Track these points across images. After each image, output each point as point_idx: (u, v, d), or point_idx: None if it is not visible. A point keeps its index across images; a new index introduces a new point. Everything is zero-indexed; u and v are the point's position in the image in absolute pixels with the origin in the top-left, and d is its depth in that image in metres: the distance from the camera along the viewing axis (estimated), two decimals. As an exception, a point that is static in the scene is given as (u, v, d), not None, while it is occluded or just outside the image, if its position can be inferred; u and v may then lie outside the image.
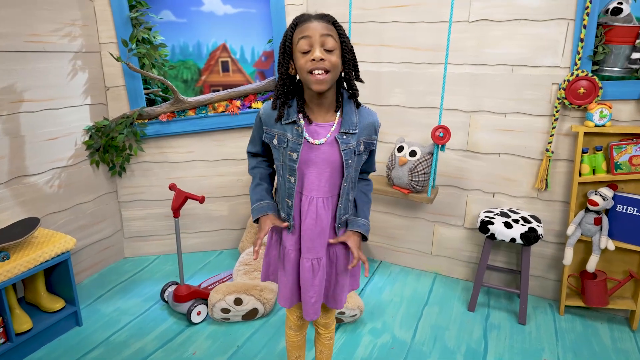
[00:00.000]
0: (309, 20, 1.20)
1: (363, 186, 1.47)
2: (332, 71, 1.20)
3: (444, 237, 2.64)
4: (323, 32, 1.18)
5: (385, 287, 2.55)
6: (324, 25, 1.19)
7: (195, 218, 2.83)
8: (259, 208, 1.38)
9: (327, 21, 1.21)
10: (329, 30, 1.20)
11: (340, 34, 1.23)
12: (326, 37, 1.18)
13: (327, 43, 1.19)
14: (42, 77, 2.17)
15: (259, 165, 1.45)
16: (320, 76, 1.18)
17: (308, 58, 1.18)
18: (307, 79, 1.21)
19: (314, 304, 1.40)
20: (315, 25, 1.19)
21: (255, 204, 1.39)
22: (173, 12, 2.61)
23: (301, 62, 1.20)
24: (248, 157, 1.49)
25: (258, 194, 1.41)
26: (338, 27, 1.23)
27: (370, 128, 1.33)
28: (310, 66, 1.18)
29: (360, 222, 1.40)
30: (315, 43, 1.18)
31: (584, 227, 2.15)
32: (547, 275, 2.43)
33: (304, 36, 1.19)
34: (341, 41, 1.23)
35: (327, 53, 1.19)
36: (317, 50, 1.17)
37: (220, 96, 2.64)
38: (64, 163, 2.34)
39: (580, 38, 2.03)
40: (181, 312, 2.21)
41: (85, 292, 2.44)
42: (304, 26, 1.19)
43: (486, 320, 2.27)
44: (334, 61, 1.19)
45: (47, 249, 1.96)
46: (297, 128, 1.28)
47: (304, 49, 1.19)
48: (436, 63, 2.40)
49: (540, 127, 2.26)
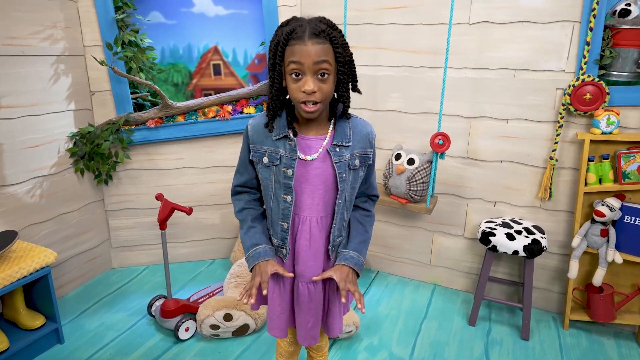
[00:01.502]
0: (302, 40, 1.06)
1: (362, 215, 1.32)
2: (324, 100, 1.12)
3: (443, 247, 2.54)
4: (316, 59, 1.06)
5: (382, 300, 2.46)
6: (319, 49, 1.06)
7: (186, 227, 2.73)
8: (255, 254, 1.22)
9: (324, 39, 1.07)
10: (324, 53, 1.07)
11: (336, 53, 1.09)
12: (320, 63, 1.07)
13: (321, 69, 1.08)
14: (22, 82, 2.06)
15: (248, 206, 1.30)
16: (311, 108, 1.10)
17: (299, 87, 1.09)
18: (297, 105, 1.13)
19: (311, 329, 1.31)
20: (309, 49, 1.05)
21: (250, 250, 1.23)
22: (162, 14, 2.51)
23: (291, 86, 1.11)
24: (233, 197, 1.33)
25: (252, 238, 1.24)
26: (335, 43, 1.09)
27: (364, 140, 1.23)
28: (301, 97, 1.09)
29: (348, 255, 1.25)
30: (308, 71, 1.07)
31: (590, 238, 2.06)
32: (551, 288, 2.33)
33: (294, 61, 1.07)
34: (337, 61, 1.10)
35: (320, 80, 1.09)
36: (310, 81, 1.07)
37: (210, 101, 2.54)
38: (46, 172, 2.23)
39: (586, 41, 1.94)
40: (169, 328, 2.11)
41: (69, 306, 2.34)
42: (297, 48, 1.06)
43: (487, 335, 2.18)
44: (325, 90, 1.10)
45: (26, 264, 1.86)
46: (289, 143, 1.17)
47: (295, 72, 1.08)
48: (435, 67, 2.30)
49: (544, 134, 2.16)
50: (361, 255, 1.27)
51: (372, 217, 1.35)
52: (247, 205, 1.29)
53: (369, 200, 1.36)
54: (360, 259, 1.26)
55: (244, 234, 1.27)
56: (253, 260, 1.22)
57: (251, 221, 1.27)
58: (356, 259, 1.25)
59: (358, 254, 1.26)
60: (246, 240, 1.25)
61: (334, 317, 1.33)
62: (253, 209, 1.29)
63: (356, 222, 1.31)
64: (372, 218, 1.35)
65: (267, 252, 1.23)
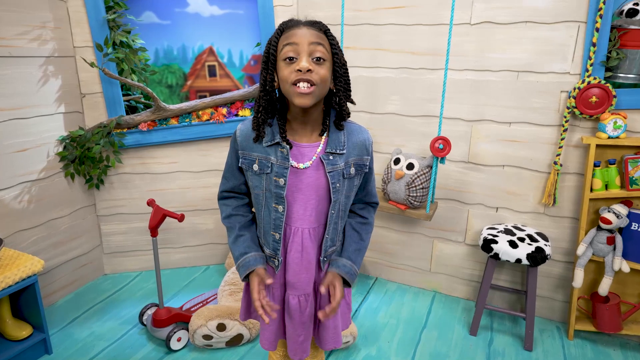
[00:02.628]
0: (297, 25, 1.04)
1: (358, 223, 1.25)
2: (319, 85, 1.03)
3: (443, 253, 2.47)
4: (312, 40, 1.02)
5: (381, 308, 2.39)
6: (314, 33, 1.03)
7: (180, 232, 2.67)
8: (244, 264, 1.16)
9: (319, 29, 1.05)
10: (320, 38, 1.03)
11: (332, 45, 1.06)
12: (316, 45, 1.02)
13: (317, 52, 1.02)
14: (9, 84, 2.00)
15: (236, 212, 1.23)
16: (305, 89, 1.01)
17: (293, 67, 1.02)
18: (289, 91, 1.04)
19: (302, 343, 1.25)
20: (304, 31, 1.02)
21: (239, 259, 1.18)
22: (156, 14, 2.44)
23: (285, 72, 1.03)
24: (219, 201, 1.26)
25: (241, 246, 1.19)
26: (330, 37, 1.06)
27: (360, 147, 1.16)
28: (294, 77, 1.01)
29: (340, 263, 1.19)
30: (303, 51, 1.01)
31: (595, 246, 1.99)
32: (555, 296, 2.26)
33: (290, 42, 1.02)
34: (333, 53, 1.06)
35: (316, 64, 1.02)
36: (304, 59, 1.01)
37: (204, 103, 2.47)
38: (34, 176, 2.17)
39: (592, 42, 1.87)
40: (160, 337, 2.04)
41: (59, 315, 2.27)
42: (291, 32, 1.03)
43: (489, 345, 2.11)
44: (322, 74, 1.03)
45: (11, 273, 1.79)
46: (282, 150, 1.11)
47: (289, 55, 1.02)
48: (435, 68, 2.24)
49: (548, 138, 2.09)
50: (355, 264, 1.20)
51: (369, 225, 1.28)
52: (234, 212, 1.23)
53: (368, 207, 1.29)
54: (353, 267, 1.19)
55: (232, 242, 1.21)
56: (243, 270, 1.17)
57: (239, 229, 1.21)
58: (349, 268, 1.19)
59: (352, 263, 1.20)
60: (235, 250, 1.20)
61: (327, 330, 1.27)
62: (241, 216, 1.23)
63: (351, 229, 1.25)
64: (369, 226, 1.27)
65: (257, 259, 1.17)
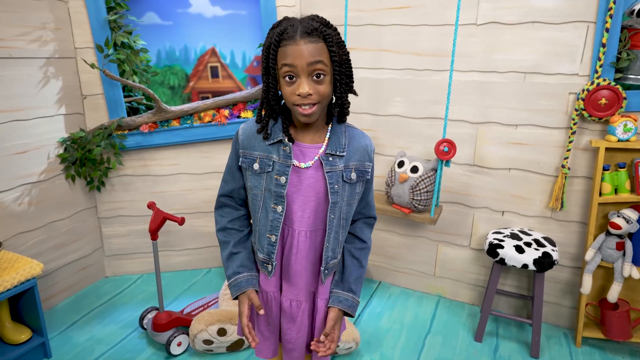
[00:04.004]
0: (294, 39, 0.98)
1: (357, 249, 1.23)
2: (322, 101, 1.03)
3: (448, 257, 2.43)
4: (310, 60, 0.98)
5: (384, 312, 2.35)
6: (312, 48, 0.98)
7: (181, 235, 2.64)
8: (236, 284, 1.15)
9: (317, 38, 0.99)
10: (318, 53, 0.98)
11: (331, 52, 1.01)
12: (315, 64, 0.98)
13: (316, 70, 0.99)
14: (9, 85, 1.98)
15: (232, 226, 1.20)
16: (307, 110, 1.02)
17: (293, 90, 1.01)
18: (292, 108, 1.05)
19: (290, 351, 1.22)
20: (301, 49, 0.97)
21: (232, 278, 1.16)
22: (158, 14, 2.42)
23: (286, 90, 1.02)
24: (216, 211, 1.23)
25: (234, 265, 1.16)
26: (329, 42, 1.00)
27: (362, 152, 1.13)
28: (296, 100, 1.01)
29: (342, 297, 1.18)
30: (302, 73, 0.99)
31: (604, 252, 1.94)
32: (562, 302, 2.22)
33: (287, 64, 0.99)
34: (332, 61, 1.01)
35: (316, 81, 1.00)
36: (304, 83, 0.99)
37: (206, 105, 2.44)
38: (34, 178, 2.15)
39: (601, 43, 1.82)
40: (160, 342, 2.02)
41: (59, 318, 2.25)
42: (289, 49, 0.98)
43: (495, 352, 2.07)
44: (322, 91, 1.01)
45: (10, 277, 1.77)
46: (284, 148, 1.09)
47: (288, 74, 1.00)
48: (440, 70, 2.20)
49: (555, 141, 2.05)
50: (356, 295, 1.21)
51: (368, 249, 1.26)
52: (230, 225, 1.20)
53: (366, 226, 1.26)
54: (355, 300, 1.20)
55: (225, 259, 1.19)
56: (235, 291, 1.16)
57: (233, 246, 1.18)
58: (350, 301, 1.19)
59: (353, 295, 1.20)
60: (228, 267, 1.18)
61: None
62: (237, 230, 1.20)
63: (351, 257, 1.22)
64: (367, 250, 1.26)
65: (249, 281, 1.16)
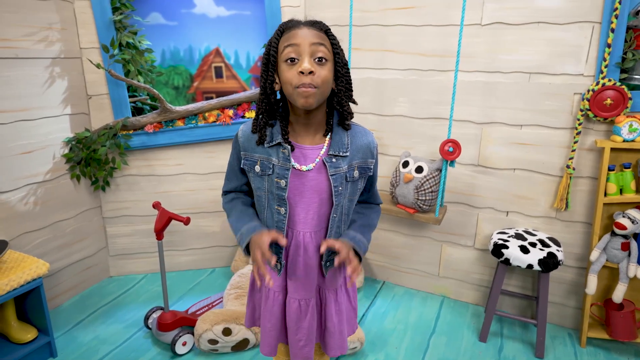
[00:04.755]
0: (298, 26, 1.02)
1: (362, 207, 1.25)
2: (322, 86, 1.02)
3: (452, 257, 2.43)
4: (314, 40, 1.00)
5: (389, 312, 2.35)
6: (315, 33, 1.02)
7: (186, 235, 2.65)
8: (247, 230, 1.10)
9: (319, 29, 1.03)
10: (321, 38, 1.02)
11: (333, 45, 1.04)
12: (317, 45, 1.00)
13: (318, 52, 1.00)
14: (15, 85, 1.99)
15: (237, 197, 1.22)
16: (309, 89, 1.00)
17: (295, 70, 1.00)
18: (292, 93, 1.02)
19: (302, 348, 1.23)
20: (304, 32, 1.01)
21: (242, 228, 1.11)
22: (162, 15, 2.43)
23: (287, 74, 1.02)
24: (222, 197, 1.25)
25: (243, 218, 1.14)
26: (331, 36, 1.04)
27: (365, 150, 1.14)
28: (296, 81, 1.00)
29: (350, 234, 1.15)
30: (304, 52, 1.00)
31: (609, 252, 1.94)
32: (566, 302, 2.22)
33: (290, 44, 1.00)
34: (334, 52, 1.04)
35: (318, 65, 1.01)
36: (306, 60, 0.99)
37: (211, 105, 2.45)
38: (40, 178, 2.16)
39: (607, 43, 1.82)
40: (165, 341, 2.02)
41: (64, 317, 2.26)
42: (292, 33, 1.02)
43: (499, 352, 2.07)
44: (324, 75, 1.01)
45: (16, 276, 1.78)
46: (283, 151, 1.09)
47: (290, 57, 1.00)
48: (444, 70, 2.20)
49: (560, 141, 2.05)
50: (364, 237, 1.16)
51: (374, 209, 1.25)
52: (236, 196, 1.22)
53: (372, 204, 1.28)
54: (361, 240, 1.14)
55: (234, 217, 1.16)
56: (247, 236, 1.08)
57: (242, 204, 1.19)
58: (357, 240, 1.14)
59: (361, 235, 1.16)
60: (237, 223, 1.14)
61: (332, 335, 1.24)
62: (243, 198, 1.22)
63: (356, 213, 1.22)
64: (375, 209, 1.25)
65: (260, 226, 1.11)
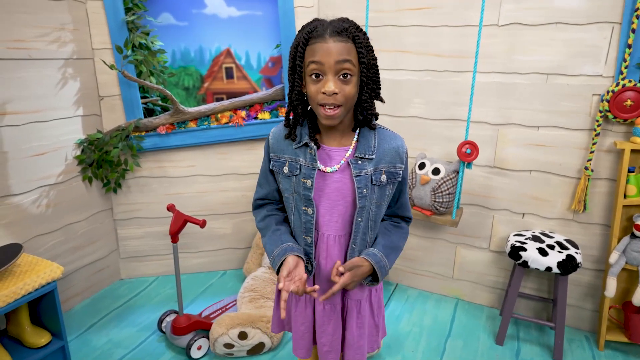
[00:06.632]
0: (324, 37, 0.98)
1: (390, 225, 1.21)
2: (346, 103, 1.02)
3: (466, 260, 2.41)
4: (338, 58, 0.97)
5: (403, 315, 2.33)
6: (341, 47, 0.98)
7: (197, 237, 2.63)
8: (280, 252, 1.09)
9: (346, 38, 0.99)
10: (347, 52, 0.98)
11: (360, 53, 1.00)
12: (342, 63, 0.98)
13: (343, 70, 0.99)
14: (28, 87, 1.97)
15: (270, 213, 1.20)
16: (331, 111, 1.01)
17: (319, 88, 1.00)
18: (316, 108, 1.04)
19: (326, 353, 1.23)
20: (330, 47, 0.97)
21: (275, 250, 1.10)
22: (173, 15, 2.41)
23: (311, 88, 1.02)
24: (254, 211, 1.24)
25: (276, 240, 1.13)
26: (358, 43, 1.00)
27: (393, 154, 1.11)
28: (320, 99, 1.00)
29: (371, 252, 1.11)
30: (329, 71, 0.99)
31: (629, 255, 1.92)
32: (583, 305, 2.20)
33: (315, 61, 0.99)
34: (360, 62, 1.01)
35: (342, 81, 0.99)
36: (331, 82, 0.99)
37: (223, 106, 2.43)
38: (52, 180, 2.14)
39: (627, 44, 1.81)
40: (180, 345, 2.00)
41: (76, 321, 2.23)
42: (317, 46, 0.98)
43: (517, 355, 2.05)
44: (348, 92, 1.00)
45: (31, 280, 1.76)
46: (310, 152, 1.09)
47: (315, 72, 1.00)
48: (461, 71, 2.18)
49: (578, 143, 2.03)
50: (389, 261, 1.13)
51: (402, 229, 1.21)
52: (269, 213, 1.21)
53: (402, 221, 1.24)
54: (382, 259, 1.11)
55: (268, 237, 1.15)
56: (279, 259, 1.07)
57: (275, 224, 1.17)
58: (378, 258, 1.11)
59: (387, 260, 1.12)
60: (270, 244, 1.12)
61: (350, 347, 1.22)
62: (276, 215, 1.20)
63: (383, 229, 1.19)
64: (402, 230, 1.21)
65: (294, 248, 1.10)
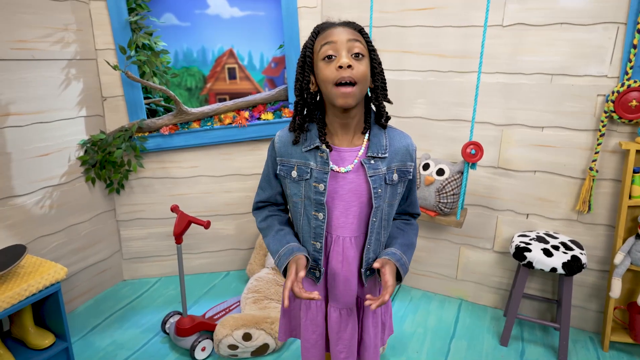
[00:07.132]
0: (333, 26, 1.03)
1: (402, 223, 1.22)
2: (360, 83, 1.00)
3: (470, 260, 2.41)
4: (350, 37, 1.00)
5: (407, 316, 2.33)
6: (350, 31, 1.02)
7: (200, 238, 2.62)
8: (286, 252, 1.09)
9: (354, 28, 1.04)
10: (356, 36, 1.02)
11: (368, 43, 1.05)
12: (354, 42, 1.00)
13: (355, 48, 1.00)
14: (31, 87, 1.96)
15: (272, 213, 1.19)
16: (347, 89, 0.99)
17: (333, 66, 0.99)
18: (331, 92, 1.01)
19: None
20: (340, 30, 1.01)
21: (280, 249, 1.10)
22: (176, 16, 2.40)
23: (325, 72, 1.00)
24: (254, 212, 1.23)
25: (282, 240, 1.12)
26: (365, 35, 1.05)
27: (403, 153, 1.12)
28: (336, 76, 0.98)
29: (390, 251, 1.11)
30: (342, 48, 0.99)
31: (634, 255, 1.92)
32: (588, 306, 2.20)
33: (328, 42, 1.00)
34: (369, 50, 1.04)
35: (355, 60, 1.00)
36: (344, 55, 0.99)
37: (227, 107, 2.42)
38: (56, 181, 2.13)
39: (632, 44, 1.81)
40: (184, 347, 2.00)
41: (79, 322, 2.23)
42: (328, 32, 1.02)
43: (521, 356, 2.05)
44: (362, 70, 1.00)
45: (35, 281, 1.75)
46: (321, 155, 1.07)
47: (328, 54, 1.00)
48: (464, 71, 2.18)
49: (583, 143, 2.03)
50: (408, 258, 1.13)
51: (413, 225, 1.23)
52: (271, 213, 1.20)
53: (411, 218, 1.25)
54: (402, 258, 1.11)
55: (271, 237, 1.14)
56: (285, 259, 1.07)
57: (279, 224, 1.17)
58: (398, 256, 1.11)
59: (405, 257, 1.13)
60: (274, 244, 1.12)
61: (367, 349, 1.22)
62: (279, 216, 1.20)
63: (396, 228, 1.20)
64: (413, 227, 1.22)
65: (300, 249, 1.10)
